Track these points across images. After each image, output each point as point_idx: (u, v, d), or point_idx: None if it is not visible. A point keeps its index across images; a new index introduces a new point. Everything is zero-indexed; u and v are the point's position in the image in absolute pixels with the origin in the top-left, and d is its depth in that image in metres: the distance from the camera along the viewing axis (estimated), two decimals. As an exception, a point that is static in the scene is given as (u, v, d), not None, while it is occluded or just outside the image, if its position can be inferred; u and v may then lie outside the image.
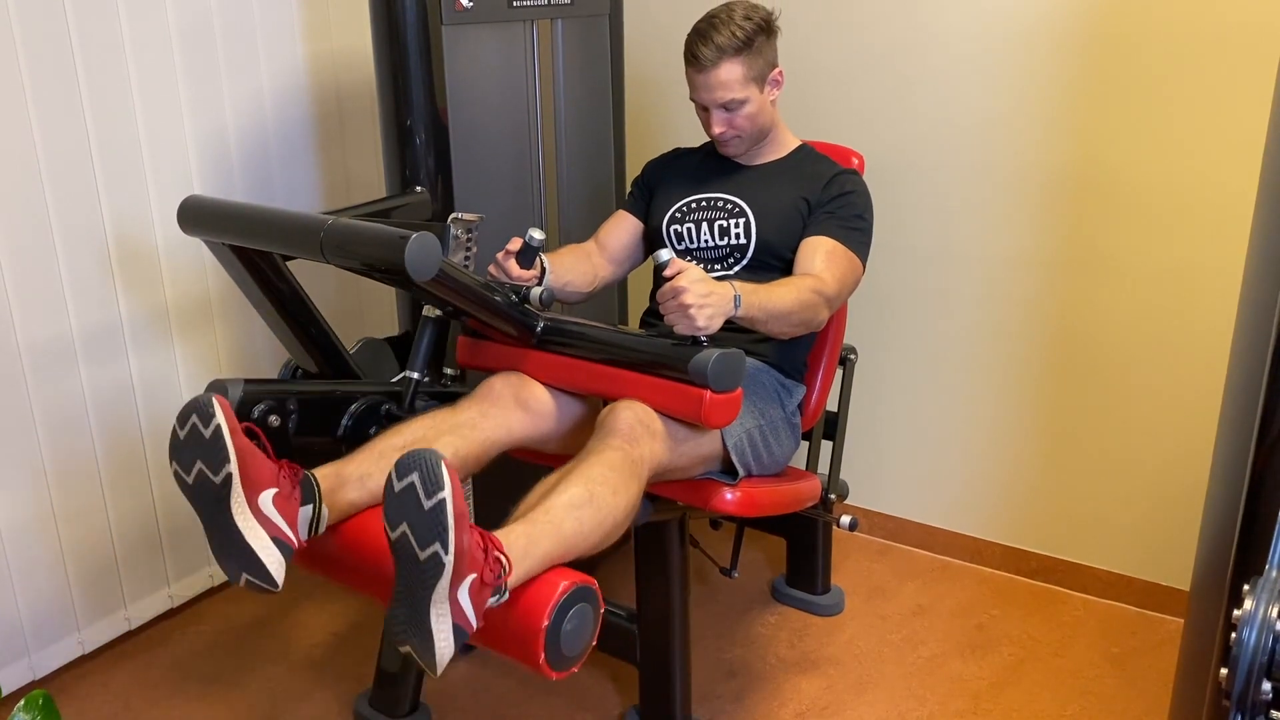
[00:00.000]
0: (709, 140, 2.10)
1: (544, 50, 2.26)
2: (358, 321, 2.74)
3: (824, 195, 2.02)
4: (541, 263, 1.91)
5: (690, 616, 2.02)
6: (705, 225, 2.07)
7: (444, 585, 1.28)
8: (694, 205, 2.10)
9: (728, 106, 1.98)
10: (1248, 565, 1.31)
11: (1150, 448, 2.41)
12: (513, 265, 1.85)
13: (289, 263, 1.82)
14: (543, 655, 1.36)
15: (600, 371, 1.74)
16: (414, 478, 1.27)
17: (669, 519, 1.91)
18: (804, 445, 2.23)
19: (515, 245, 1.86)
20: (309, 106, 2.58)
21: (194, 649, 2.39)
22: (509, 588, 1.36)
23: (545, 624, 1.36)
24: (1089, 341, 2.42)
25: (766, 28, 1.97)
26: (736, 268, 2.05)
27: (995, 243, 2.47)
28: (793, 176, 2.07)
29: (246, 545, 1.41)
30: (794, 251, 1.99)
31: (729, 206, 2.07)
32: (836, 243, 1.96)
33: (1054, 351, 2.47)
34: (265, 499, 1.44)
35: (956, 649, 2.36)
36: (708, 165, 2.15)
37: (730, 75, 1.94)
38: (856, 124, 2.55)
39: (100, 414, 2.23)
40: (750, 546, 2.71)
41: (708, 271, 1.96)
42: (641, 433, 1.62)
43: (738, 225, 2.05)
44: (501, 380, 1.81)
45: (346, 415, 1.80)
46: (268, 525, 1.43)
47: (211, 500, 1.42)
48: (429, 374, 1.90)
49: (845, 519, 2.10)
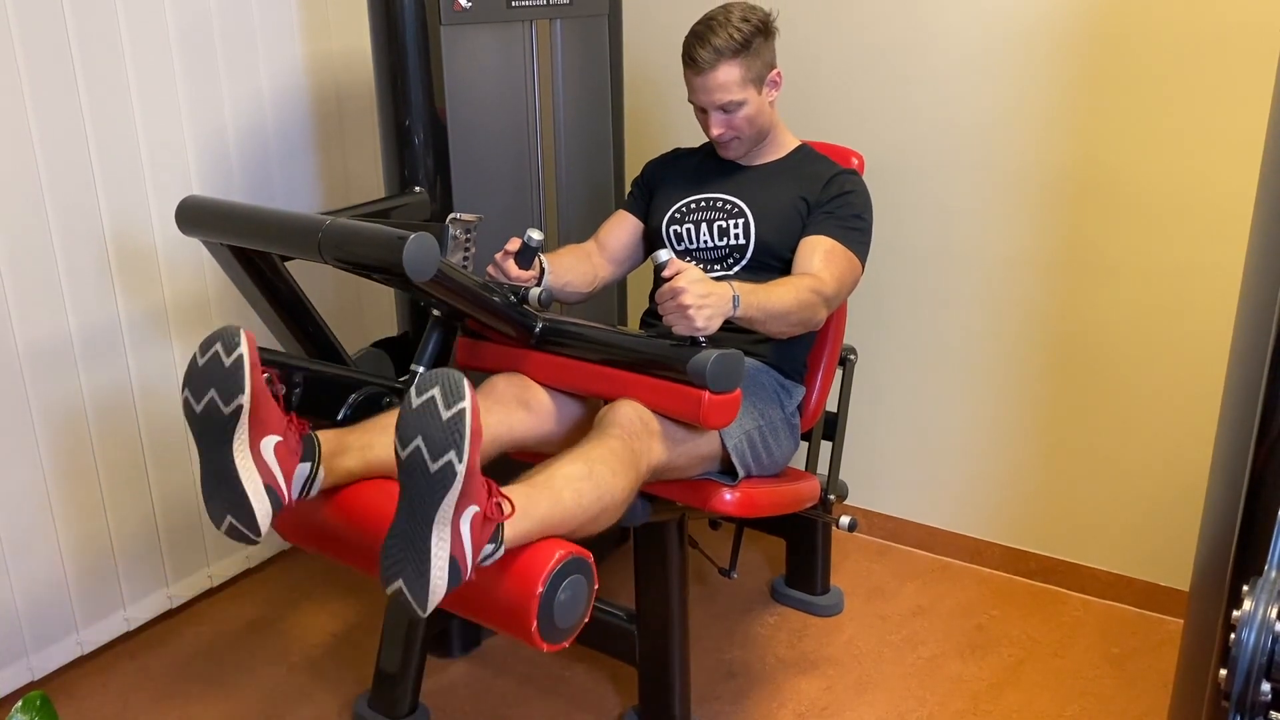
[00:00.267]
0: (709, 141, 2.10)
1: (543, 51, 2.25)
2: (356, 321, 2.74)
3: (823, 195, 2.02)
4: (540, 263, 1.92)
5: (689, 617, 2.02)
6: (704, 226, 2.07)
7: (450, 502, 1.26)
8: (693, 206, 2.10)
9: (726, 108, 1.98)
10: (1247, 566, 1.31)
11: (1150, 448, 2.41)
12: (511, 266, 1.85)
13: (287, 263, 1.82)
14: (535, 623, 1.35)
15: (599, 372, 1.74)
16: (435, 391, 1.27)
17: (668, 519, 1.91)
18: (803, 446, 2.23)
19: (514, 246, 1.86)
20: (308, 107, 2.58)
21: (193, 649, 2.38)
22: (505, 542, 1.35)
23: (540, 590, 1.34)
24: (1088, 341, 2.42)
25: (764, 29, 1.97)
26: (736, 268, 2.05)
27: (995, 243, 2.47)
28: (792, 177, 2.07)
29: (239, 486, 1.39)
30: (793, 251, 1.99)
31: (728, 207, 2.07)
32: (835, 242, 1.96)
33: (1054, 351, 2.47)
34: (267, 444, 1.43)
35: (956, 649, 2.36)
36: (707, 166, 2.15)
37: (728, 77, 1.94)
38: (856, 124, 2.55)
39: (99, 414, 2.23)
40: (749, 547, 2.71)
41: (707, 272, 1.96)
42: (641, 429, 1.63)
43: (737, 226, 2.05)
44: (505, 380, 1.82)
45: (347, 406, 1.80)
46: (264, 471, 1.42)
47: (216, 431, 1.40)
48: None
49: (845, 519, 2.10)
